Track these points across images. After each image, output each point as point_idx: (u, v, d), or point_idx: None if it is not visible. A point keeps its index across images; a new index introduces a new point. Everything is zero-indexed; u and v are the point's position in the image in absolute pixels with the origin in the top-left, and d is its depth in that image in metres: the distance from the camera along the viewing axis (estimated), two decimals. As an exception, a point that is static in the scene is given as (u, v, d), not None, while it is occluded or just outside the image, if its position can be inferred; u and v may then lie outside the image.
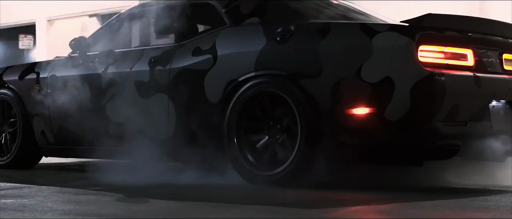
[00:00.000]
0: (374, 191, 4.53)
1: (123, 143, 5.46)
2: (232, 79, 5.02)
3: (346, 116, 4.57)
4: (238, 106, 4.96)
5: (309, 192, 4.46)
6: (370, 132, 4.52)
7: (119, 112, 5.55)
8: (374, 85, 4.48)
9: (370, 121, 4.50)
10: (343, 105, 4.57)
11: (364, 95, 4.51)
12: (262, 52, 4.91)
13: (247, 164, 4.91)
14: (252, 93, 4.92)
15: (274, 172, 4.78)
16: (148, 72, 5.45)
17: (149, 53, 5.54)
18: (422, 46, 4.45)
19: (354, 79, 4.54)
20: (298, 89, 4.73)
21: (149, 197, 4.24)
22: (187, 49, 5.34)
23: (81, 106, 5.78)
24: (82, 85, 5.80)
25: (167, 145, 5.33)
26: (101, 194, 4.36)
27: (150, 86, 5.43)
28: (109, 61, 5.70)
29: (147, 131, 5.41)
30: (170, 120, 5.32)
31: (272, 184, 4.75)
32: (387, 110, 4.44)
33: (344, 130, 4.59)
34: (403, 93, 4.40)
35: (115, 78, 5.63)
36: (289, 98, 4.76)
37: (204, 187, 4.71)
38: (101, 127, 5.62)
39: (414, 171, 4.88)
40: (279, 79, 4.82)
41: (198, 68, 5.21)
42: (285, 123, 4.85)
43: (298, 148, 4.70)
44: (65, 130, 5.93)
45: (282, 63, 4.84)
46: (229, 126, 4.99)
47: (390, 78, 4.44)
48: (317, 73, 4.67)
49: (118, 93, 5.59)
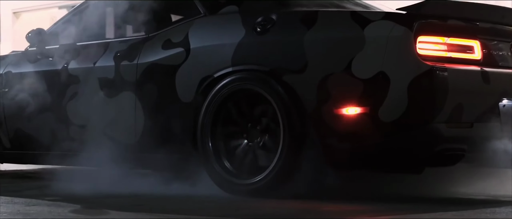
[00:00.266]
0: (365, 202, 3.99)
1: (85, 147, 4.89)
2: (207, 76, 4.45)
3: (334, 117, 4.02)
4: (213, 106, 4.40)
5: (291, 203, 3.91)
6: (362, 134, 3.98)
7: (81, 113, 4.98)
8: (366, 81, 3.93)
9: (361, 122, 3.96)
10: (331, 104, 4.02)
11: (355, 93, 3.96)
12: (240, 45, 4.35)
13: (223, 171, 4.35)
14: (229, 92, 4.35)
15: (253, 181, 4.23)
16: (113, 68, 4.88)
17: (115, 47, 4.96)
18: (421, 37, 3.92)
19: (344, 75, 3.99)
20: (280, 86, 4.17)
21: (108, 207, 3.68)
22: (156, 42, 4.77)
23: (38, 106, 5.19)
24: (40, 83, 5.20)
25: (133, 149, 4.76)
26: (55, 205, 3.79)
27: (115, 84, 4.85)
28: (70, 56, 5.13)
29: (111, 134, 4.84)
30: (137, 121, 4.74)
31: (251, 194, 4.20)
32: (381, 109, 3.90)
33: (332, 132, 4.04)
34: (399, 91, 3.86)
35: (76, 75, 5.04)
36: (270, 97, 4.20)
37: (173, 198, 4.14)
38: (60, 130, 5.04)
39: (412, 179, 4.34)
40: (259, 75, 4.26)
41: (168, 63, 4.64)
42: (266, 124, 4.31)
43: (280, 153, 4.14)
44: (21, 133, 5.33)
45: (263, 57, 4.28)
46: (203, 128, 4.42)
47: (385, 74, 3.90)
48: (301, 68, 4.12)
49: (80, 92, 5.01)
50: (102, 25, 5.12)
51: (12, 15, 16.37)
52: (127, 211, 3.57)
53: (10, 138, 5.40)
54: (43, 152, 5.16)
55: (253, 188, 4.21)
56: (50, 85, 5.15)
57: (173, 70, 4.58)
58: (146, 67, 4.72)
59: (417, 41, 3.91)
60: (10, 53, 5.72)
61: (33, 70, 5.29)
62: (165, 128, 4.62)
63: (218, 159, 4.37)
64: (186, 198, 4.11)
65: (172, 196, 4.21)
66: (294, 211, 3.69)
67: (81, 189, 4.38)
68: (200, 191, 4.30)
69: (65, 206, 3.70)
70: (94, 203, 3.93)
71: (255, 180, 4.21)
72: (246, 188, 4.24)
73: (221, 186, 4.34)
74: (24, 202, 3.90)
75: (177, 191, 4.30)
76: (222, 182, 4.34)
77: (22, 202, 3.87)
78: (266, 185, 4.16)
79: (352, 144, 4.03)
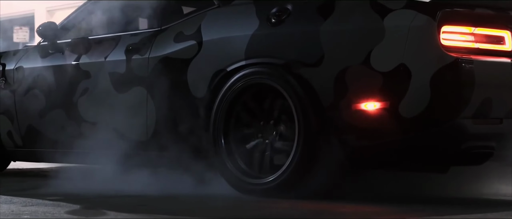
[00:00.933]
0: (384, 202, 3.74)
1: (96, 145, 4.69)
2: (219, 70, 4.23)
3: (352, 112, 3.77)
4: (226, 101, 4.17)
5: (304, 204, 3.67)
6: (381, 131, 3.72)
7: (92, 109, 4.79)
8: (386, 74, 3.68)
9: (381, 118, 3.70)
10: (349, 99, 3.77)
11: (374, 87, 3.71)
12: (253, 37, 4.12)
13: (236, 169, 4.12)
14: (242, 86, 4.12)
15: (266, 180, 4.00)
16: (124, 62, 4.68)
17: (127, 40, 4.76)
18: (446, 26, 3.65)
19: (362, 68, 3.74)
20: (296, 80, 3.93)
21: (109, 208, 3.47)
22: (168, 35, 4.56)
23: (50, 103, 5.02)
24: (51, 78, 5.03)
25: (145, 147, 4.55)
26: (54, 204, 3.58)
27: (126, 79, 4.66)
28: (81, 50, 4.94)
29: (123, 132, 4.64)
30: (149, 118, 4.54)
31: (265, 194, 3.96)
32: (402, 104, 3.64)
33: (350, 129, 3.79)
34: (421, 84, 3.60)
35: (87, 69, 4.85)
36: (284, 92, 3.97)
37: (179, 198, 3.92)
38: (72, 127, 4.86)
39: (437, 179, 4.07)
40: (273, 68, 4.03)
41: (180, 57, 4.42)
42: (281, 121, 4.08)
43: (295, 151, 3.91)
44: (33, 130, 5.16)
45: (277, 50, 4.04)
46: (216, 125, 4.20)
47: (406, 66, 3.64)
48: (318, 61, 3.88)
49: (91, 87, 4.82)
50: (115, 18, 4.91)
51: (47, 13, 16.31)
52: (127, 212, 3.36)
53: (22, 135, 5.23)
54: (54, 150, 4.99)
55: (266, 188, 3.98)
56: (62, 81, 4.97)
57: (185, 64, 4.37)
58: (158, 61, 4.51)
59: (441, 31, 3.64)
60: (23, 48, 5.55)
61: (45, 65, 5.11)
62: (178, 125, 4.41)
63: (231, 157, 4.15)
64: (192, 198, 3.88)
65: (179, 195, 3.99)
66: (306, 212, 3.45)
67: (87, 188, 4.20)
68: (211, 191, 4.07)
69: (64, 206, 3.50)
70: (95, 203, 3.73)
71: (268, 180, 3.97)
72: (259, 187, 4.01)
73: (234, 186, 4.12)
74: (22, 202, 3.70)
75: (186, 191, 4.08)
76: (235, 182, 4.11)
77: (20, 202, 3.68)
78: (280, 185, 3.92)
79: (371, 141, 3.77)
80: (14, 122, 5.26)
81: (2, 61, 5.40)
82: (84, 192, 4.08)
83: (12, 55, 5.42)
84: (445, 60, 3.60)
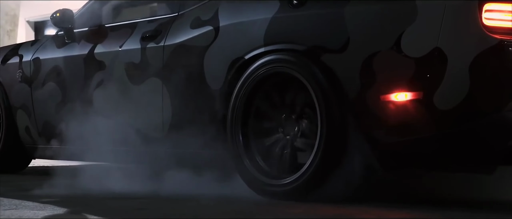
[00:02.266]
0: (416, 208, 3.28)
1: (112, 142, 4.34)
2: (237, 58, 3.82)
3: (381, 104, 3.31)
4: (244, 93, 3.76)
5: (324, 207, 3.25)
6: (413, 125, 3.26)
7: (107, 103, 4.44)
8: (418, 60, 3.22)
9: (413, 110, 3.24)
10: (377, 89, 3.32)
11: (405, 75, 3.25)
12: (273, 21, 3.69)
13: (254, 168, 3.71)
14: (261, 76, 3.70)
15: (285, 181, 3.56)
16: (139, 51, 4.31)
17: (143, 27, 4.40)
18: (488, 4, 3.16)
19: (392, 54, 3.28)
20: (318, 69, 3.50)
21: (97, 213, 3.08)
22: (185, 21, 4.16)
23: (65, 96, 4.69)
24: (66, 70, 4.70)
25: (161, 144, 4.17)
26: (42, 208, 3.20)
27: (141, 69, 4.29)
28: (96, 39, 4.59)
29: (138, 127, 4.28)
30: (165, 112, 4.16)
31: (284, 196, 3.53)
32: (437, 94, 3.17)
33: (378, 123, 3.33)
34: (459, 71, 3.13)
35: (102, 60, 4.51)
36: (306, 81, 3.53)
37: (188, 200, 3.51)
38: (87, 122, 4.51)
39: (479, 180, 3.58)
40: (294, 55, 3.60)
41: (196, 45, 4.02)
42: (305, 115, 3.65)
43: (317, 148, 3.47)
44: (50, 126, 4.84)
45: (298, 35, 3.61)
46: (233, 119, 3.80)
47: (441, 51, 3.17)
48: (342, 47, 3.43)
49: (106, 79, 4.47)
50: (132, 3, 4.55)
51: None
52: (118, 216, 2.99)
53: (39, 131, 4.92)
54: (70, 147, 4.65)
55: (285, 190, 3.54)
56: (77, 73, 4.63)
57: (201, 53, 3.97)
58: (173, 49, 4.12)
59: (483, 10, 3.16)
60: (42, 38, 5.23)
61: (60, 56, 4.78)
62: (195, 120, 4.02)
63: (249, 154, 3.74)
64: (200, 201, 3.47)
65: (188, 197, 3.58)
66: (323, 217, 3.01)
67: (88, 189, 3.86)
68: (226, 192, 3.67)
69: (51, 210, 3.14)
70: (88, 205, 3.35)
71: (287, 181, 3.55)
72: (278, 189, 3.58)
73: (252, 186, 3.70)
74: (10, 204, 3.35)
75: (198, 192, 3.67)
76: (252, 181, 3.69)
77: (8, 204, 3.33)
78: (300, 186, 3.49)
79: (402, 137, 3.30)
80: (31, 116, 4.96)
81: (20, 53, 5.10)
82: (82, 193, 3.75)
83: (30, 46, 5.11)
84: (488, 42, 3.12)
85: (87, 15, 4.79)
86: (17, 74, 5.04)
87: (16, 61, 5.08)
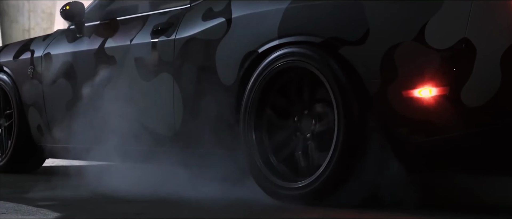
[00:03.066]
0: (442, 214, 2.98)
1: (121, 141, 4.12)
2: (250, 52, 3.56)
3: (404, 101, 3.02)
4: (257, 90, 3.49)
5: (340, 213, 2.97)
6: (440, 124, 2.97)
7: (117, 101, 4.20)
8: (444, 52, 2.93)
9: (439, 107, 2.95)
10: (399, 84, 3.03)
11: (429, 69, 2.96)
12: (288, 11, 3.43)
13: (268, 169, 3.44)
14: (275, 71, 3.44)
15: (300, 184, 3.30)
16: (149, 45, 4.07)
17: (154, 20, 4.16)
18: (522, -11, 2.87)
19: (415, 45, 3.00)
20: (335, 62, 3.22)
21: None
22: (197, 12, 3.91)
23: (76, 93, 4.47)
24: (77, 65, 4.48)
25: (172, 143, 3.93)
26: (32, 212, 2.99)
27: (152, 64, 4.05)
28: (107, 33, 4.36)
29: (149, 125, 4.04)
30: (176, 109, 3.91)
31: (298, 200, 3.26)
32: (465, 90, 2.88)
33: (401, 121, 3.05)
34: (489, 64, 2.84)
35: (113, 55, 4.28)
36: (322, 76, 3.26)
37: (192, 203, 3.25)
38: (96, 121, 4.29)
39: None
40: (310, 48, 3.32)
41: (208, 38, 3.77)
42: (321, 111, 3.37)
43: (334, 149, 3.20)
44: (60, 124, 4.61)
45: (314, 26, 3.33)
46: (246, 118, 3.54)
47: (469, 42, 2.88)
48: (361, 38, 3.15)
49: (117, 75, 4.24)
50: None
51: None
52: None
53: (50, 129, 4.71)
54: (82, 146, 4.44)
55: (300, 193, 3.27)
56: (87, 68, 4.41)
57: (213, 46, 3.72)
58: (184, 43, 3.88)
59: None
60: (54, 32, 5.02)
61: (71, 51, 4.57)
62: (206, 118, 3.77)
63: (263, 155, 3.47)
64: (204, 205, 3.21)
65: (193, 201, 3.33)
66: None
67: (89, 191, 3.64)
68: (236, 194, 3.41)
69: (43, 214, 2.91)
70: (86, 210, 3.13)
71: (302, 184, 3.27)
72: (292, 192, 3.31)
73: (265, 189, 3.44)
74: (1, 207, 3.14)
75: (205, 194, 3.43)
76: (265, 184, 3.42)
77: (12, 208, 3.12)
78: (315, 190, 3.21)
79: (427, 137, 3.01)
80: (43, 114, 4.75)
81: (31, 48, 4.90)
82: (83, 195, 3.52)
83: (42, 41, 4.90)
84: (521, 33, 2.82)
85: (99, 8, 4.57)
86: (28, 70, 4.84)
87: (27, 57, 4.88)
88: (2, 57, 5.12)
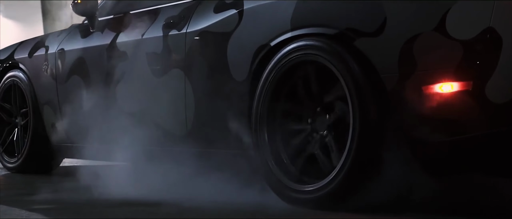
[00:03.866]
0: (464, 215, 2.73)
1: (134, 141, 3.93)
2: (262, 45, 3.34)
3: (423, 97, 2.78)
4: (269, 86, 3.28)
5: (359, 217, 2.73)
6: (463, 122, 2.72)
7: (130, 98, 4.03)
8: (467, 44, 2.68)
9: (462, 103, 2.70)
10: (419, 79, 2.79)
11: (451, 62, 2.71)
12: (301, 1, 3.20)
13: (281, 171, 3.22)
14: (288, 66, 3.22)
15: (313, 187, 3.06)
16: (161, 39, 3.88)
17: (166, 13, 3.96)
18: (552, -26, 2.60)
19: (435, 36, 2.75)
20: (350, 55, 2.99)
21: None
22: (209, 4, 3.71)
23: (89, 90, 4.30)
24: (90, 62, 4.31)
25: (184, 142, 3.74)
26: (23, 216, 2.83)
27: (163, 60, 3.86)
28: (120, 26, 4.18)
29: (161, 124, 3.85)
30: (187, 107, 3.71)
31: (312, 204, 3.04)
32: (490, 84, 2.64)
33: (421, 119, 2.81)
34: (516, 57, 2.58)
35: (124, 50, 4.09)
36: (336, 70, 3.03)
37: (199, 207, 3.06)
38: (109, 119, 4.11)
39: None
40: (323, 41, 3.09)
41: (219, 31, 3.57)
42: (336, 109, 3.14)
43: (349, 149, 2.96)
44: (75, 122, 4.45)
45: (328, 17, 3.10)
46: (258, 115, 3.32)
47: (495, 32, 2.63)
48: (378, 29, 2.91)
49: (128, 71, 4.06)
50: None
51: None
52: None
53: (65, 128, 4.55)
54: (95, 145, 4.27)
55: (314, 197, 3.05)
56: (100, 65, 4.23)
57: (225, 39, 3.51)
58: (196, 37, 3.67)
59: (546, -19, 2.61)
60: (69, 28, 4.86)
61: (84, 46, 4.40)
62: (219, 116, 3.56)
63: (275, 155, 3.25)
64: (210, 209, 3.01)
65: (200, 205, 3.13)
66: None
67: (92, 193, 3.47)
68: (246, 198, 3.20)
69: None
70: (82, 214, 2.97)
71: (316, 186, 3.05)
72: (306, 196, 3.08)
73: (277, 191, 3.22)
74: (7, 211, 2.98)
75: (213, 198, 3.22)
76: (278, 186, 3.20)
77: (3, 212, 2.96)
78: (330, 193, 2.99)
79: (449, 136, 2.76)
80: (57, 113, 4.60)
81: (46, 44, 4.74)
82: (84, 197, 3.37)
83: (56, 37, 4.74)
84: (552, 21, 2.56)
85: (112, 1, 4.39)
86: (43, 67, 4.69)
87: (42, 54, 4.73)
88: (18, 54, 4.99)
